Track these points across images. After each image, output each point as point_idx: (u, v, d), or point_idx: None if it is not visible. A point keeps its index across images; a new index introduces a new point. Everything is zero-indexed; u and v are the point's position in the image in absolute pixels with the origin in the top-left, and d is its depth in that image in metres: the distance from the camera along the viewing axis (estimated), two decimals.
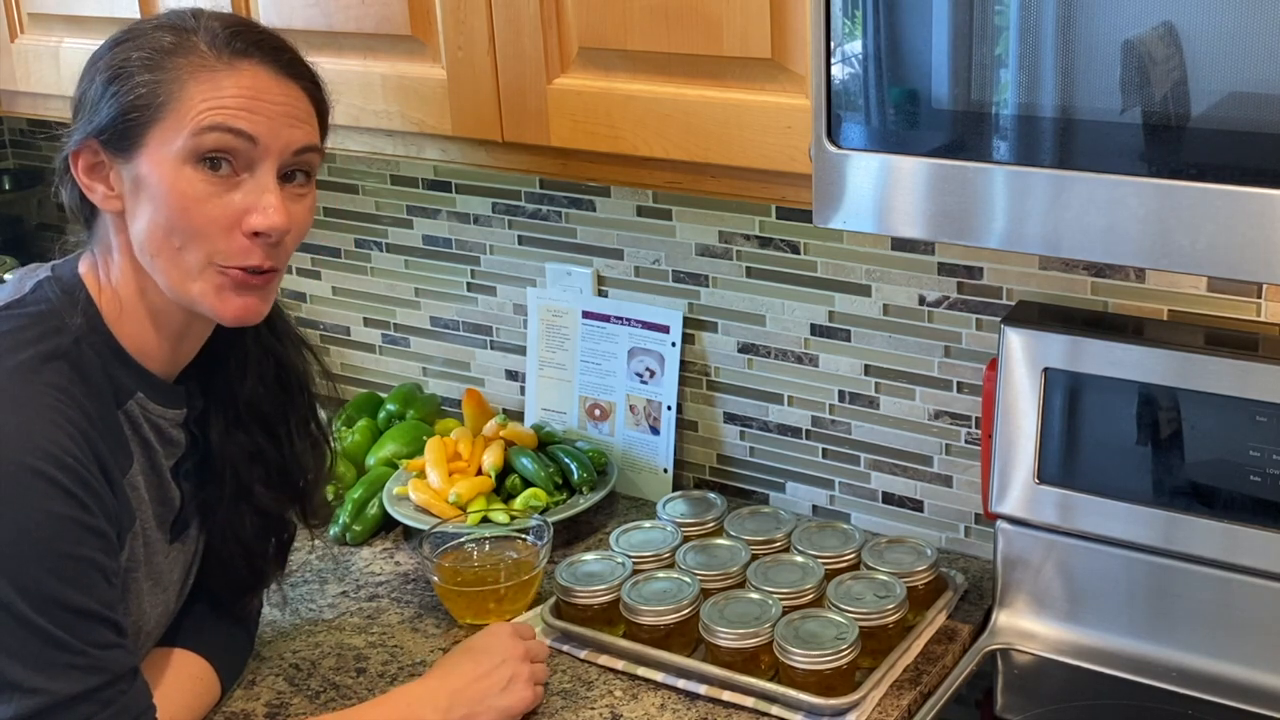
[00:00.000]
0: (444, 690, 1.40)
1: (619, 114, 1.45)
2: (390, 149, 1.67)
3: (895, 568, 1.58)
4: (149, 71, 1.23)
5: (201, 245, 1.24)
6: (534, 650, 1.49)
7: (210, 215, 1.23)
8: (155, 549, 1.35)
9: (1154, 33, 1.05)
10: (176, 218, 1.23)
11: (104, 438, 1.23)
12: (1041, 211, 1.13)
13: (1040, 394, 1.50)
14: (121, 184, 1.26)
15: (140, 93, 1.23)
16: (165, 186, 1.23)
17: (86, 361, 1.24)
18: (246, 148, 1.23)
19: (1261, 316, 1.48)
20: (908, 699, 1.48)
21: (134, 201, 1.25)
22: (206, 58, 1.24)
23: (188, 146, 1.22)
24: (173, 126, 1.22)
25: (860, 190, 1.22)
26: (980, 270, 1.64)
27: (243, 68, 1.24)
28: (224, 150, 1.23)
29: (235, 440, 1.41)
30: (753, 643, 1.48)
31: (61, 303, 1.27)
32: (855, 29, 1.18)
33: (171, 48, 1.24)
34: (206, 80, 1.23)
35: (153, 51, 1.24)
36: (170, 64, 1.23)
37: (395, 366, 2.22)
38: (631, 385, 1.93)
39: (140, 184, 1.24)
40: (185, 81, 1.23)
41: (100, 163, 1.26)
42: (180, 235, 1.24)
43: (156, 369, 1.32)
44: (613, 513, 1.90)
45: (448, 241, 2.08)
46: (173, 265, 1.25)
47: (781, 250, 1.77)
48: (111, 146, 1.25)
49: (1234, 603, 1.45)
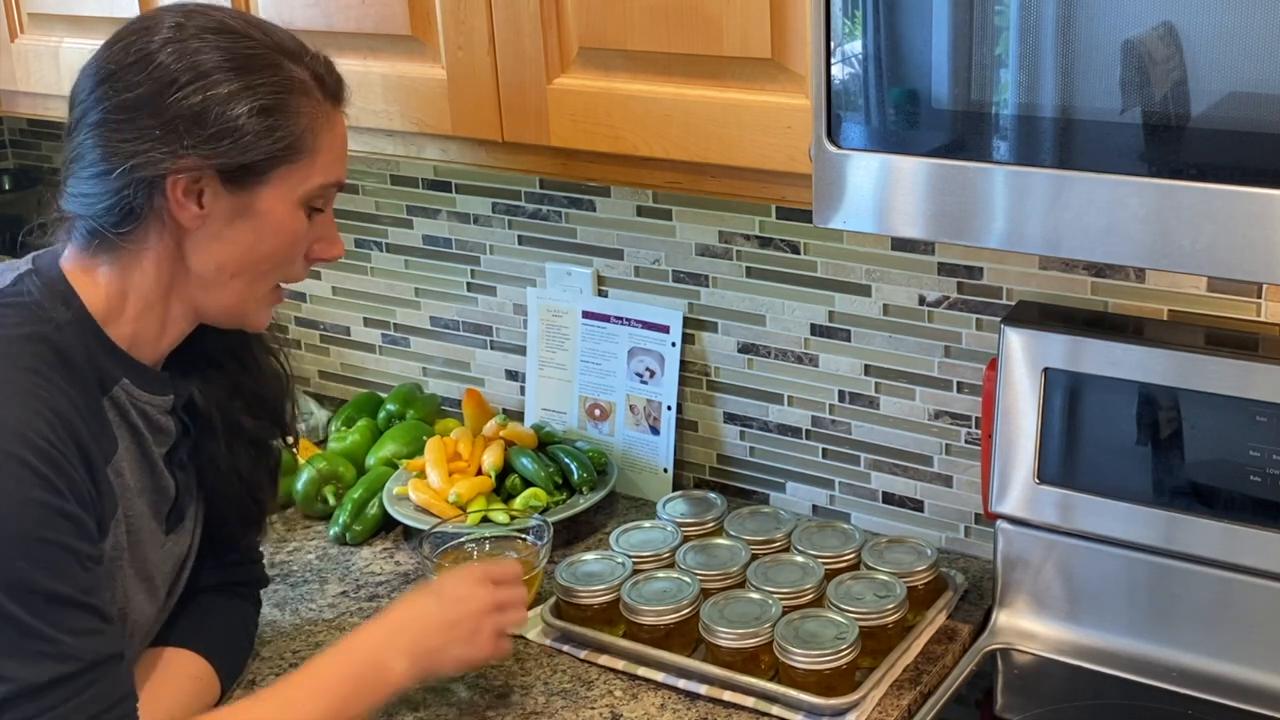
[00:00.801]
0: (408, 635, 1.37)
1: (619, 114, 1.45)
2: (390, 149, 1.67)
3: (895, 568, 1.58)
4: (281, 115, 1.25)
5: (283, 272, 1.34)
6: (505, 598, 1.43)
7: (300, 249, 1.34)
8: (147, 540, 1.35)
9: (1154, 33, 1.05)
10: (280, 251, 1.31)
11: (85, 423, 1.22)
12: (1041, 211, 1.13)
13: (1040, 394, 1.50)
14: (216, 207, 1.26)
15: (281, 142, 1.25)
16: (282, 223, 1.29)
17: (69, 348, 1.24)
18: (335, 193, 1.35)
19: (1261, 316, 1.48)
20: (908, 699, 1.48)
21: (224, 225, 1.27)
22: (322, 104, 1.29)
23: (310, 195, 1.30)
24: (303, 170, 1.28)
25: (860, 190, 1.22)
26: (980, 270, 1.64)
27: (338, 115, 1.32)
28: (328, 200, 1.34)
29: (215, 383, 1.43)
30: (753, 643, 1.48)
31: (44, 294, 1.26)
32: (855, 29, 1.18)
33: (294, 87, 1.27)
34: (328, 130, 1.30)
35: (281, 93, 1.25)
36: (295, 106, 1.26)
37: (395, 366, 2.22)
38: (631, 385, 1.93)
39: (245, 213, 1.27)
40: (313, 131, 1.28)
41: (199, 186, 1.25)
42: (272, 262, 1.31)
43: (142, 358, 1.32)
44: (613, 513, 1.90)
45: (448, 241, 2.08)
46: (248, 286, 1.32)
47: (781, 250, 1.77)
48: (228, 181, 1.25)
49: (1234, 603, 1.45)
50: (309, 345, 2.30)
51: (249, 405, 1.46)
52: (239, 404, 1.45)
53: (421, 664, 1.36)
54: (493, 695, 1.52)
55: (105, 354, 1.28)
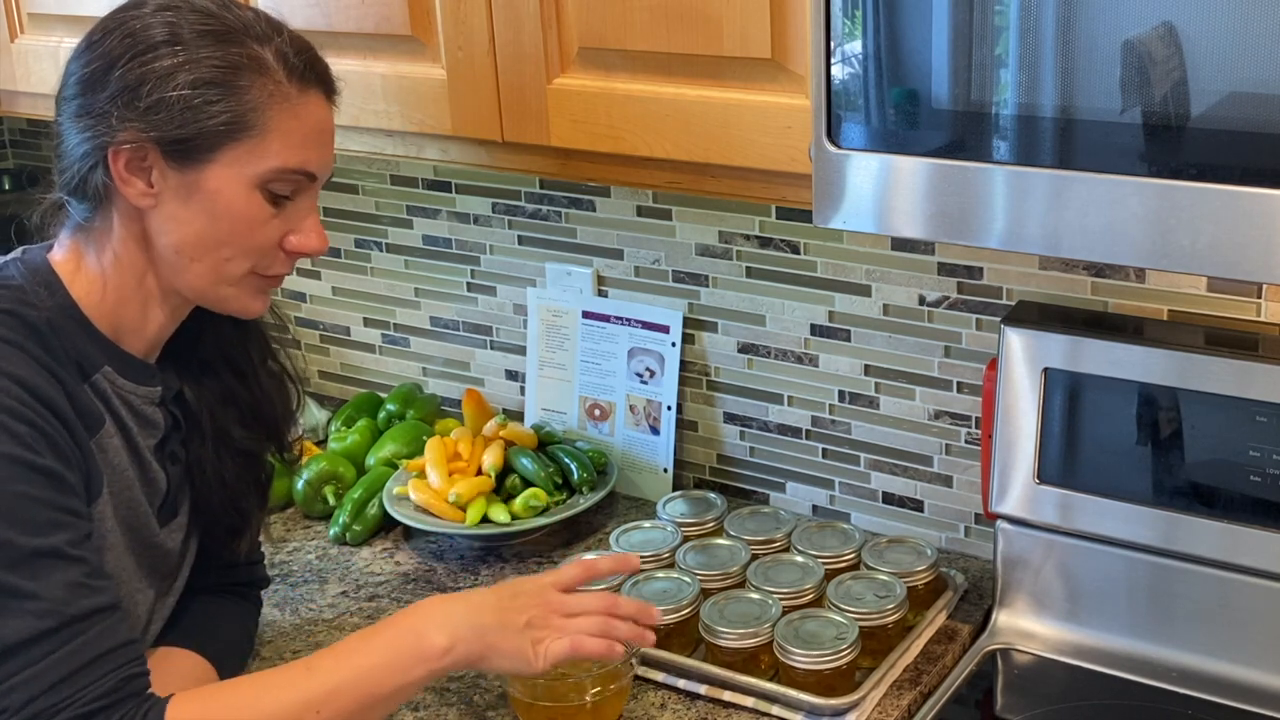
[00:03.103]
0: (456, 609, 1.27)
1: (619, 114, 1.45)
2: (390, 149, 1.67)
3: (895, 568, 1.58)
4: (223, 89, 1.22)
5: (249, 259, 1.29)
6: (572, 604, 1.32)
7: (266, 236, 1.29)
8: (141, 528, 1.34)
9: (1154, 33, 1.05)
10: (237, 235, 1.27)
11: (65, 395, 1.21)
12: (1041, 211, 1.13)
13: (1040, 394, 1.50)
14: (165, 185, 1.25)
15: (219, 116, 1.22)
16: (232, 205, 1.26)
17: (48, 329, 1.23)
18: (306, 182, 1.30)
19: (1261, 316, 1.48)
20: (908, 699, 1.48)
21: (178, 205, 1.25)
22: (283, 85, 1.25)
23: (264, 177, 1.26)
24: (250, 151, 1.24)
25: (860, 190, 1.22)
26: (980, 270, 1.64)
27: (311, 99, 1.28)
28: (294, 186, 1.29)
29: (207, 388, 1.42)
30: (753, 643, 1.48)
31: (26, 280, 1.27)
32: (855, 29, 1.18)
33: (247, 63, 1.24)
34: (287, 112, 1.25)
35: (226, 68, 1.23)
36: (245, 82, 1.23)
37: (395, 366, 2.22)
38: (631, 385, 1.93)
39: (195, 193, 1.25)
40: (263, 108, 1.24)
41: (147, 164, 1.24)
42: (231, 248, 1.28)
43: (131, 349, 1.32)
44: (613, 513, 1.90)
45: (448, 241, 2.08)
46: (212, 270, 1.29)
47: (781, 250, 1.77)
48: (171, 156, 1.24)
49: (1234, 603, 1.45)
50: (309, 345, 2.30)
51: (241, 415, 1.45)
52: (231, 412, 1.44)
53: (468, 645, 1.25)
54: (493, 695, 1.52)
55: (88, 340, 1.28)
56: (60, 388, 1.21)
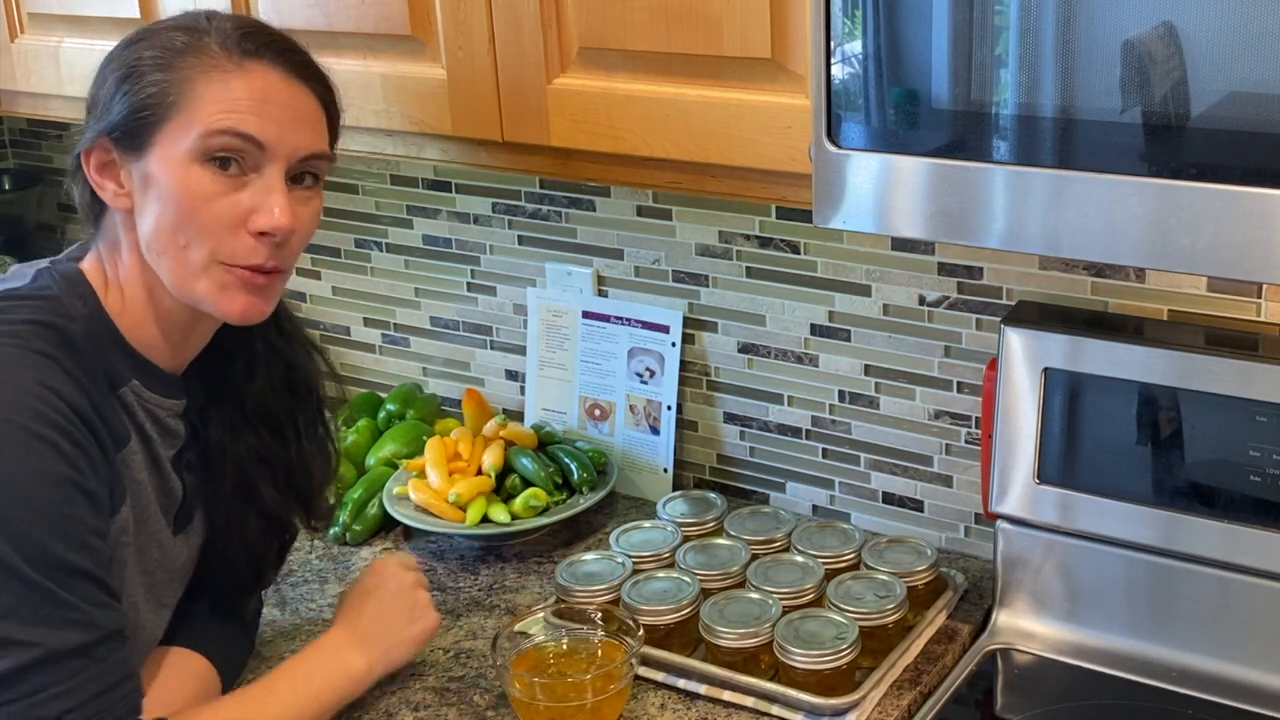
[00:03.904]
0: (356, 635, 1.45)
1: (619, 114, 1.45)
2: (390, 149, 1.67)
3: (895, 568, 1.58)
4: (160, 71, 1.25)
5: (207, 243, 1.25)
6: (422, 579, 1.54)
7: (216, 213, 1.25)
8: (154, 535, 1.35)
9: (1154, 33, 1.05)
10: (184, 215, 1.25)
11: (95, 408, 1.23)
12: (1041, 211, 1.13)
13: (1040, 394, 1.50)
14: (131, 182, 1.27)
15: (151, 91, 1.24)
16: (174, 184, 1.24)
17: (81, 341, 1.25)
18: (254, 151, 1.25)
19: (1261, 316, 1.48)
20: (908, 699, 1.48)
21: (143, 199, 1.27)
22: (217, 58, 1.25)
23: (197, 147, 1.24)
24: (183, 126, 1.24)
25: (860, 190, 1.22)
26: (980, 270, 1.64)
27: (253, 69, 1.26)
28: (232, 151, 1.25)
29: (243, 441, 1.42)
30: (753, 642, 1.48)
31: (61, 290, 1.28)
32: (855, 29, 1.18)
33: (183, 47, 1.26)
34: (218, 81, 1.24)
35: (165, 51, 1.26)
36: (182, 63, 1.25)
37: (395, 366, 2.22)
38: (631, 385, 1.93)
39: (149, 182, 1.26)
40: (196, 81, 1.24)
41: (111, 161, 1.28)
42: (186, 233, 1.25)
43: (159, 362, 1.33)
44: (613, 513, 1.90)
45: (448, 241, 2.08)
46: (178, 263, 1.26)
47: (781, 250, 1.77)
48: (122, 145, 1.26)
49: (1234, 603, 1.45)
50: None
51: (275, 479, 1.45)
52: (265, 472, 1.44)
53: (380, 656, 1.45)
54: (493, 695, 1.52)
55: (119, 353, 1.29)
56: (91, 401, 1.23)
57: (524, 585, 1.74)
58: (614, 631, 1.49)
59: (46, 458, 1.16)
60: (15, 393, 1.17)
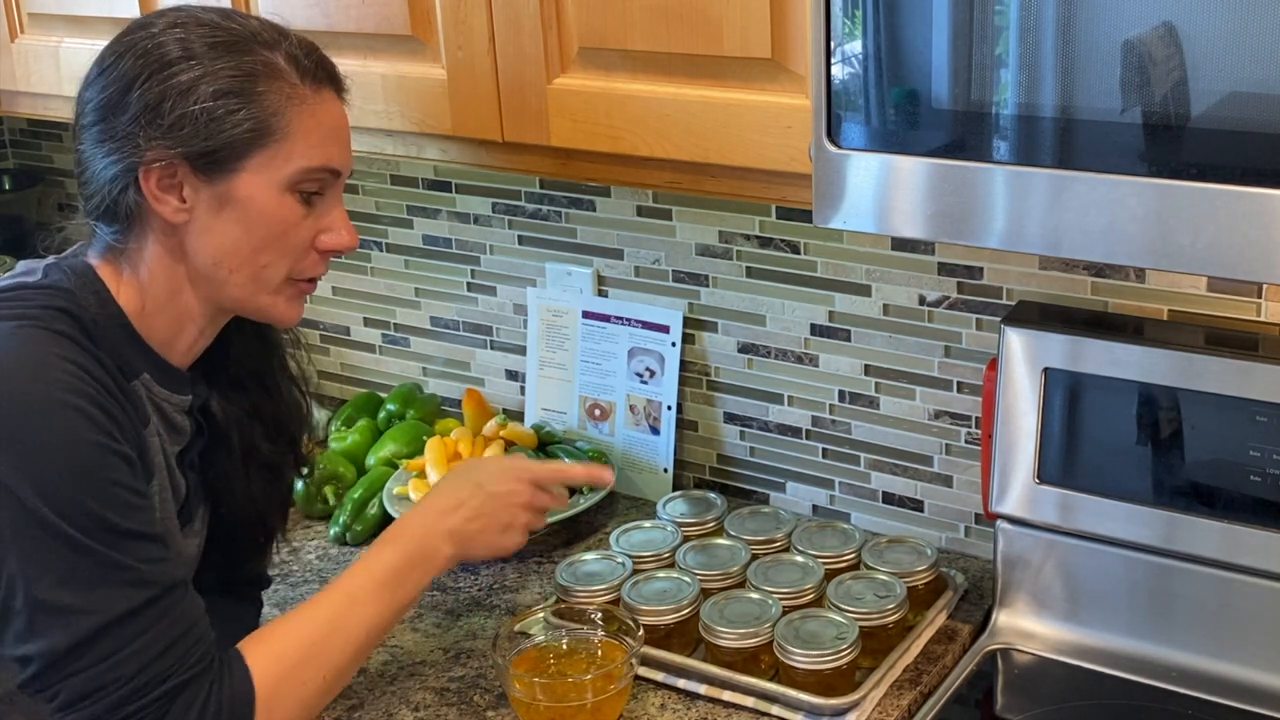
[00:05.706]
0: (451, 522, 1.43)
1: (619, 114, 1.45)
2: (390, 149, 1.67)
3: (895, 568, 1.58)
4: (242, 98, 1.24)
5: (286, 263, 1.31)
6: (539, 500, 1.52)
7: (301, 238, 1.31)
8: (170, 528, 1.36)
9: (1154, 33, 1.05)
10: (272, 239, 1.29)
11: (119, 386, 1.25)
12: (1041, 211, 1.13)
13: (1040, 394, 1.50)
14: (197, 199, 1.27)
15: (243, 125, 1.24)
16: (265, 211, 1.27)
17: (95, 332, 1.26)
18: (332, 179, 1.32)
19: (1261, 316, 1.48)
20: (908, 699, 1.48)
21: (212, 218, 1.27)
22: (297, 87, 1.27)
23: (292, 180, 1.28)
24: (275, 155, 1.26)
25: (860, 190, 1.22)
26: (980, 270, 1.64)
27: (326, 98, 1.31)
28: (322, 184, 1.31)
29: (235, 403, 1.44)
30: (753, 643, 1.48)
31: (74, 283, 1.29)
32: (855, 29, 1.18)
33: (261, 70, 1.26)
34: (306, 113, 1.28)
35: (242, 76, 1.25)
36: (262, 88, 1.25)
37: (395, 366, 2.22)
38: (631, 385, 1.93)
39: (228, 203, 1.27)
40: (283, 112, 1.26)
41: (176, 180, 1.26)
42: (268, 254, 1.30)
43: (170, 358, 1.34)
44: (613, 513, 1.90)
45: (448, 241, 2.08)
46: (252, 279, 1.30)
47: (781, 250, 1.77)
48: (200, 169, 1.25)
49: (1234, 603, 1.45)
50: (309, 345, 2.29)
51: (267, 430, 1.48)
52: (258, 428, 1.46)
53: (462, 548, 1.44)
54: (493, 695, 1.52)
55: (131, 347, 1.30)
56: (113, 380, 1.25)
57: (524, 585, 1.74)
58: (614, 631, 1.49)
59: (80, 425, 1.18)
60: (42, 366, 1.19)
